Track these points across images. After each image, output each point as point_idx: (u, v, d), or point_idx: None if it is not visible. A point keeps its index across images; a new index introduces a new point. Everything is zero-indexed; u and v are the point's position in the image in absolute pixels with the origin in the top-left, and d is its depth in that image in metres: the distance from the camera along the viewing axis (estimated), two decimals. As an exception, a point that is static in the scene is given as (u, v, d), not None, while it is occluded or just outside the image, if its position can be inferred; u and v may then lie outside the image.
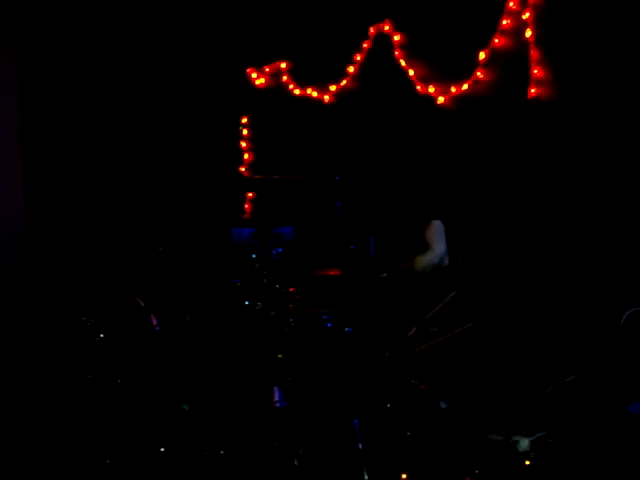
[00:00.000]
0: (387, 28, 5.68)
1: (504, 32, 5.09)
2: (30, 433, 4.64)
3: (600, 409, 4.20)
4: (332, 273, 4.46)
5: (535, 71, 4.92)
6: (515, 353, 4.86)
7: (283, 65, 6.35)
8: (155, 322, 5.03)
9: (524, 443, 3.89)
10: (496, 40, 5.11)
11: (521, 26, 4.99)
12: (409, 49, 5.60)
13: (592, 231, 4.78)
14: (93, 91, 7.21)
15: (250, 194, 6.55)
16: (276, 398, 4.06)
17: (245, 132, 6.62)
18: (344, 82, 5.94)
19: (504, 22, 5.06)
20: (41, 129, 7.42)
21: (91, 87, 7.22)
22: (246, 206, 6.59)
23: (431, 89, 5.42)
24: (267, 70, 6.47)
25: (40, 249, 7.00)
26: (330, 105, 6.04)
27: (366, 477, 3.67)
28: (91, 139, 7.25)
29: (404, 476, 3.73)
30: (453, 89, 5.32)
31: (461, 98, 5.31)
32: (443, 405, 4.02)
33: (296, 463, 3.85)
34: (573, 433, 4.11)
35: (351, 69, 5.90)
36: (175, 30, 6.87)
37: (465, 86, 5.26)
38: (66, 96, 7.31)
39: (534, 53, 4.92)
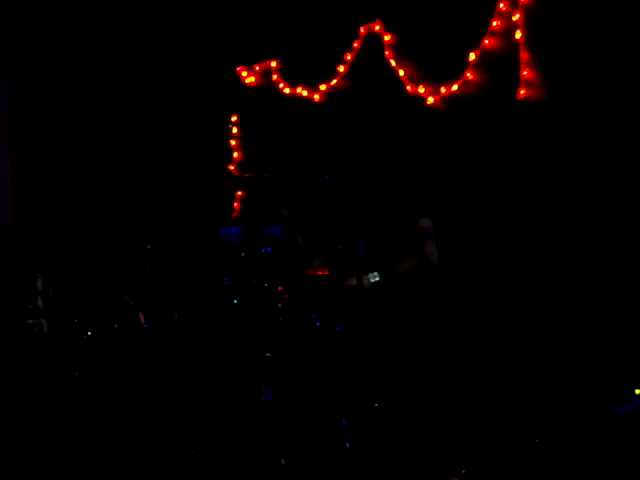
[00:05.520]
0: (377, 28, 5.69)
1: (494, 33, 5.10)
2: (16, 431, 4.62)
3: (588, 411, 4.22)
4: (320, 273, 4.46)
5: (525, 72, 4.93)
6: (502, 354, 4.87)
7: (273, 64, 6.34)
8: (143, 320, 5.03)
9: None
10: (486, 41, 5.12)
11: (511, 27, 5.00)
12: (399, 49, 5.60)
13: (581, 231, 4.80)
14: (82, 88, 7.18)
15: (239, 193, 6.54)
16: (264, 397, 4.06)
17: (235, 130, 6.61)
18: (334, 81, 5.94)
19: (494, 23, 5.08)
20: (30, 125, 7.39)
21: (80, 83, 7.19)
22: (235, 205, 6.58)
23: (421, 89, 5.43)
24: (257, 69, 6.46)
25: (28, 246, 6.97)
26: (320, 104, 6.04)
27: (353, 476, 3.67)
28: (80, 136, 7.22)
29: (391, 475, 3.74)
30: (443, 90, 5.33)
31: (451, 98, 5.32)
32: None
33: (283, 462, 3.85)
34: (562, 435, 4.13)
35: (341, 68, 5.90)
36: (165, 28, 6.85)
37: (455, 87, 5.27)
38: (56, 93, 7.28)
39: (524, 54, 4.94)
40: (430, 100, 5.39)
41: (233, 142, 6.63)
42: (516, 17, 4.96)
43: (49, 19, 7.25)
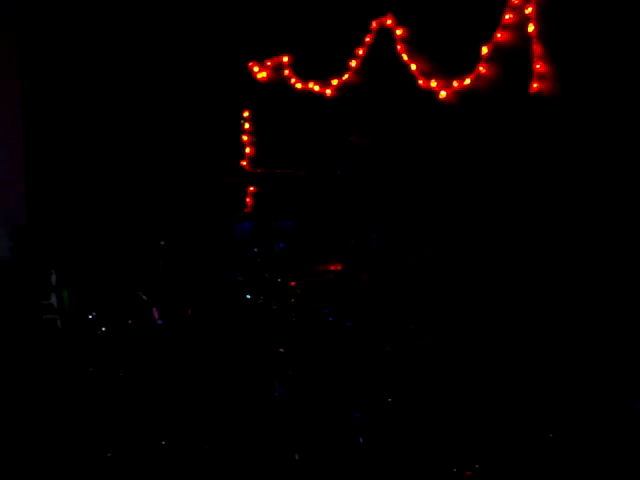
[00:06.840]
0: (389, 22, 5.68)
1: (507, 27, 5.08)
2: (32, 426, 4.65)
3: (607, 406, 4.21)
4: (332, 268, 4.47)
5: (537, 66, 4.91)
6: (517, 349, 4.86)
7: (285, 59, 6.34)
8: (157, 316, 5.04)
9: None
10: (499, 35, 5.10)
11: (524, 21, 4.98)
12: (411, 43, 5.59)
13: (596, 223, 4.77)
14: (95, 85, 7.20)
15: (252, 188, 6.55)
16: (277, 392, 4.06)
17: (247, 126, 6.61)
18: (346, 76, 5.94)
19: (507, 17, 5.06)
20: (43, 122, 7.41)
21: (93, 81, 7.20)
22: (248, 200, 6.59)
23: (433, 84, 5.42)
24: (269, 64, 6.46)
25: (42, 242, 7.00)
26: (332, 99, 6.04)
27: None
28: (93, 133, 7.24)
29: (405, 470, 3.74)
30: (455, 84, 5.31)
31: (463, 93, 5.30)
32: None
33: (297, 457, 3.86)
34: (581, 431, 4.11)
35: (353, 63, 5.89)
36: (177, 24, 6.86)
37: (467, 81, 5.25)
38: (68, 90, 7.29)
39: (536, 48, 4.91)
40: (442, 94, 5.37)
41: (245, 138, 6.64)
42: (529, 10, 4.94)
43: (62, 16, 7.26)
